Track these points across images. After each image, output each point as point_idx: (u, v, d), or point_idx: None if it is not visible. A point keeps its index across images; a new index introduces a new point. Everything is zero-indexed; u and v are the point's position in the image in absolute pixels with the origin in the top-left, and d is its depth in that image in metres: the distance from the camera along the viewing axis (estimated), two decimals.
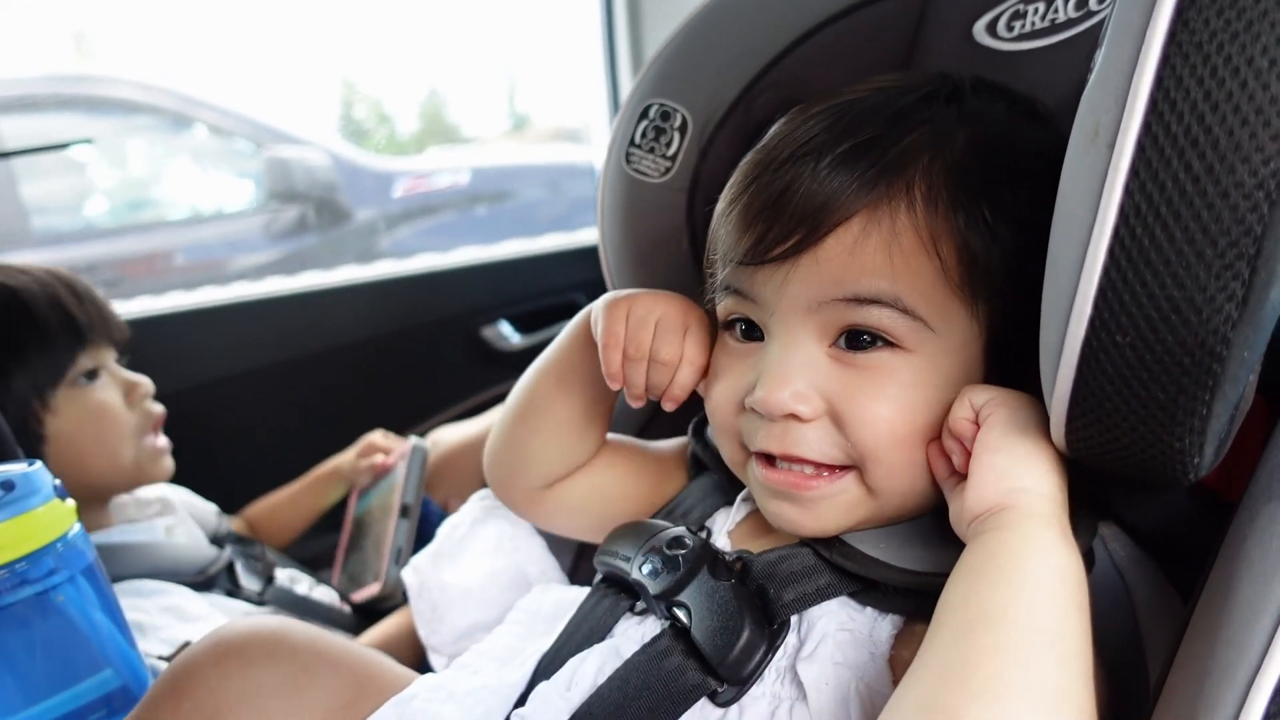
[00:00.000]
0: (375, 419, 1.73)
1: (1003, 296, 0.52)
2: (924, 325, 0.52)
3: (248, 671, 0.64)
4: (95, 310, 1.09)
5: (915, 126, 0.53)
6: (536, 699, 0.59)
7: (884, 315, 0.52)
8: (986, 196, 0.52)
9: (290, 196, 2.33)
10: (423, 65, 2.69)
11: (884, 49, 0.72)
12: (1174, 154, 0.36)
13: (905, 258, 0.51)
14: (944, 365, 0.53)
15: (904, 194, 0.52)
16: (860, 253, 0.52)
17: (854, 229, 0.52)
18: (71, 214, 2.20)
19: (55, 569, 0.72)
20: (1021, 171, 0.53)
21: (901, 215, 0.51)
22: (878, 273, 0.51)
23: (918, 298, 0.51)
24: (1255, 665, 0.38)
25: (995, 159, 0.53)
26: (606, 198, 0.78)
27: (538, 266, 1.86)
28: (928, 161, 0.52)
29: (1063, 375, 0.42)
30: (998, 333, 0.53)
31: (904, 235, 0.51)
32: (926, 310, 0.52)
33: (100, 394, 1.07)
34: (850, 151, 0.52)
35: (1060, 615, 0.42)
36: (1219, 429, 0.41)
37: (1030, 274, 0.47)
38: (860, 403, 0.53)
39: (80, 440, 1.04)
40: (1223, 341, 0.37)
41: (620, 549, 0.64)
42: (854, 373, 0.53)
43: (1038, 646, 0.41)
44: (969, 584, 0.45)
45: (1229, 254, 0.36)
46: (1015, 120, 0.57)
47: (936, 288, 0.52)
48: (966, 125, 0.54)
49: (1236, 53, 0.34)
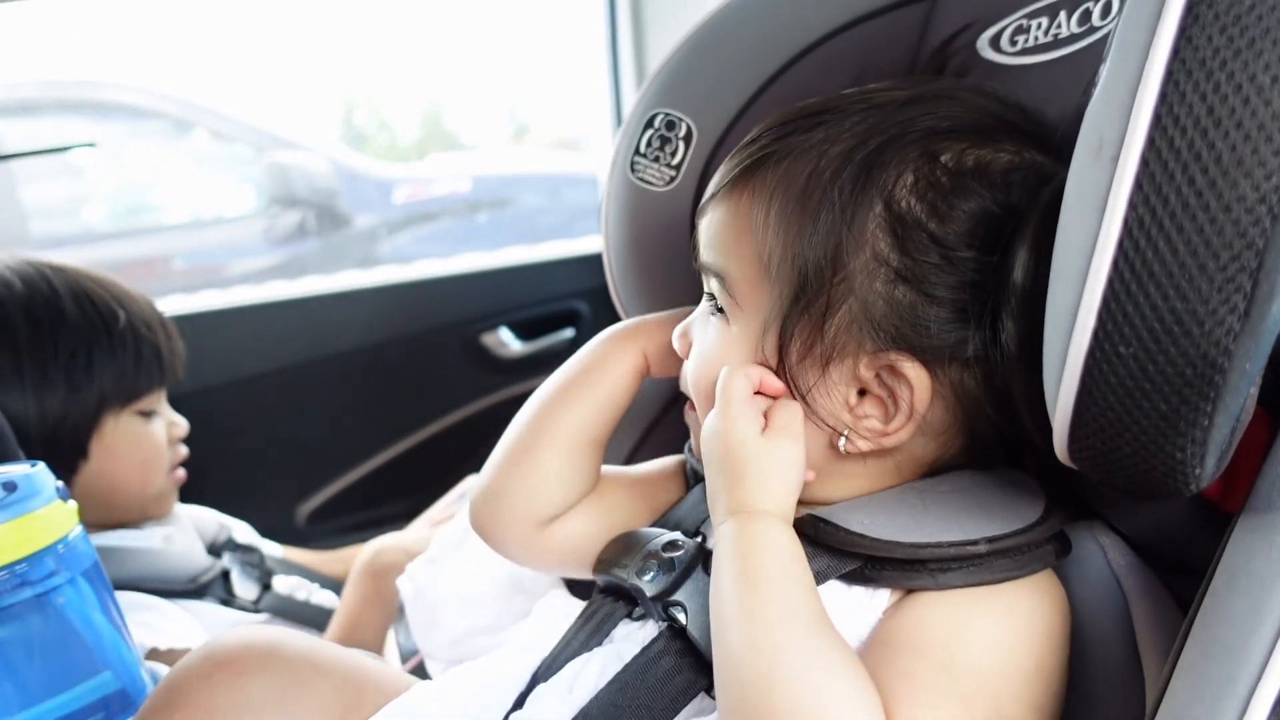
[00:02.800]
0: (374, 425, 1.73)
1: (794, 292, 0.55)
2: (735, 303, 0.58)
3: (238, 683, 0.64)
4: (176, 357, 1.12)
5: (807, 129, 0.57)
6: (536, 701, 0.59)
7: (715, 285, 0.60)
8: (829, 200, 0.54)
9: (290, 202, 2.34)
10: (424, 72, 2.70)
11: (887, 62, 0.73)
12: (1177, 168, 0.36)
13: (738, 238, 0.58)
14: (746, 339, 0.58)
15: (760, 186, 0.57)
16: (714, 225, 0.60)
17: (721, 206, 0.59)
18: (71, 218, 2.20)
19: (56, 571, 0.72)
20: (889, 176, 0.54)
21: (744, 203, 0.57)
22: (717, 247, 0.59)
23: (740, 277, 0.58)
24: (1256, 676, 0.38)
25: (868, 166, 0.54)
26: (611, 206, 0.79)
27: (538, 274, 1.86)
28: (789, 163, 0.56)
29: (1066, 386, 0.42)
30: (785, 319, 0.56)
31: (741, 219, 0.57)
32: (742, 290, 0.58)
33: (152, 428, 1.09)
34: (752, 141, 0.59)
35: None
36: (1220, 440, 0.41)
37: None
38: (695, 354, 0.62)
39: (121, 468, 1.06)
40: (1224, 353, 0.37)
41: (618, 558, 0.65)
42: (704, 331, 0.62)
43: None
44: None
45: (1231, 267, 0.36)
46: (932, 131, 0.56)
47: (754, 271, 0.57)
48: (857, 136, 0.55)
49: (1239, 68, 0.35)
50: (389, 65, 2.63)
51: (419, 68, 2.66)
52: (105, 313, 1.04)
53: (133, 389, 1.06)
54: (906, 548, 0.52)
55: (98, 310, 1.04)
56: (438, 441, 1.77)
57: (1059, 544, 0.55)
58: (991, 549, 0.52)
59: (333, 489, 1.70)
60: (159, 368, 1.08)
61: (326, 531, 1.69)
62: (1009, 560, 0.52)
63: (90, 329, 1.02)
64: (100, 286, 1.06)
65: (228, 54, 2.34)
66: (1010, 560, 0.52)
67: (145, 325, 1.07)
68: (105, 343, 1.03)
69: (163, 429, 1.11)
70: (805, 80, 0.72)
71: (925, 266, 0.52)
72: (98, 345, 1.02)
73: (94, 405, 1.03)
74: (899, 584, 0.53)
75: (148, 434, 1.08)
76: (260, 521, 1.44)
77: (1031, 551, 0.53)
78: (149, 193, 2.40)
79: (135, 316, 1.07)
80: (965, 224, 0.52)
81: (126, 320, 1.05)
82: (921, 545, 0.52)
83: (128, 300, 1.07)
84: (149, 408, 1.09)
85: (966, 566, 0.52)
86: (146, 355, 1.06)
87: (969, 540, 0.52)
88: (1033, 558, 0.53)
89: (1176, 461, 0.41)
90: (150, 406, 1.09)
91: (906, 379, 0.54)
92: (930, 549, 0.52)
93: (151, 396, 1.09)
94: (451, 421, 1.77)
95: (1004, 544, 0.52)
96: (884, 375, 0.54)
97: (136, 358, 1.05)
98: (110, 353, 1.03)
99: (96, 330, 1.03)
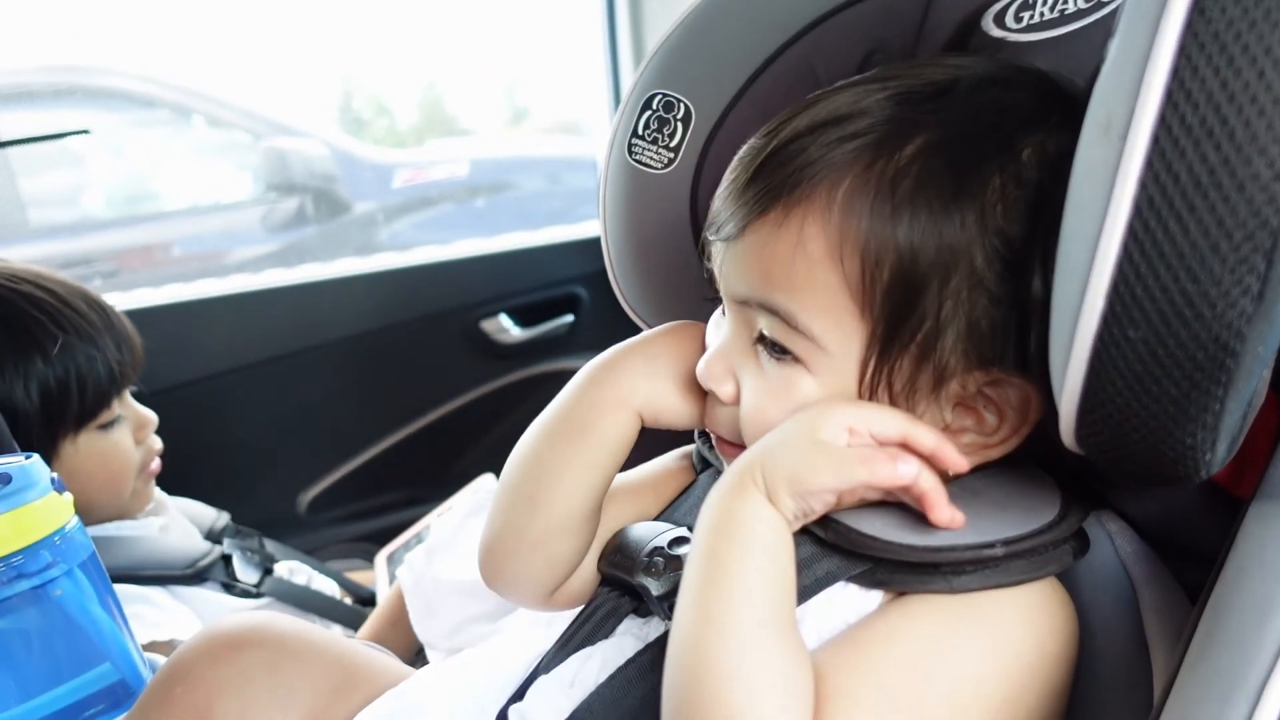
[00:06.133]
0: (374, 412, 1.73)
1: (892, 320, 0.50)
2: (816, 346, 0.51)
3: (236, 657, 0.66)
4: (131, 357, 1.05)
5: (863, 131, 0.50)
6: (536, 693, 0.59)
7: (778, 327, 0.52)
8: (923, 204, 0.49)
9: (288, 188, 2.33)
10: (422, 56, 2.68)
11: (889, 39, 0.71)
12: (1189, 145, 0.35)
13: (810, 266, 0.50)
14: (836, 387, 0.52)
15: (824, 196, 0.50)
16: (766, 254, 0.51)
17: (767, 225, 0.51)
18: (69, 205, 2.19)
19: (53, 563, 0.72)
20: (979, 179, 0.49)
21: (814, 219, 0.50)
22: (776, 280, 0.51)
23: (816, 311, 0.51)
24: (1268, 667, 0.38)
25: (954, 165, 0.50)
26: (608, 189, 0.78)
27: (537, 259, 1.85)
28: (864, 166, 0.49)
29: (1073, 371, 0.41)
30: (885, 348, 0.51)
31: (810, 243, 0.50)
32: (823, 328, 0.51)
33: (116, 439, 1.04)
34: (783, 146, 0.52)
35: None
36: (1231, 425, 0.40)
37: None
38: (757, 404, 0.54)
39: (86, 487, 0.99)
40: (1237, 336, 0.36)
41: (623, 552, 0.63)
42: (764, 375, 0.54)
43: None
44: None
45: (1244, 247, 0.35)
46: (1006, 121, 0.51)
47: (837, 303, 0.50)
48: (930, 129, 0.50)
49: (1254, 42, 0.33)
50: (387, 50, 2.61)
51: (417, 52, 2.64)
52: (40, 335, 0.96)
53: (82, 411, 0.99)
54: (921, 551, 0.50)
55: (32, 336, 0.96)
56: (438, 428, 1.77)
57: (1077, 542, 0.53)
58: (1008, 551, 0.50)
59: (333, 476, 1.70)
60: (111, 378, 1.01)
61: (328, 519, 1.69)
62: (1025, 561, 0.51)
63: (23, 358, 0.95)
64: (32, 305, 0.97)
65: (225, 40, 2.33)
66: (1026, 561, 0.51)
67: (87, 337, 0.99)
68: (41, 370, 0.95)
69: (127, 434, 1.06)
70: (806, 59, 0.70)
71: (1023, 271, 0.48)
72: (33, 374, 0.95)
73: (42, 438, 0.96)
74: (913, 587, 0.51)
75: (112, 447, 1.03)
76: (261, 509, 1.45)
77: (1049, 552, 0.51)
78: (147, 180, 2.39)
79: (76, 330, 0.99)
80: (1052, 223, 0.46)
81: (63, 341, 0.97)
82: (937, 549, 0.50)
83: (62, 314, 0.99)
84: (108, 420, 1.03)
85: (982, 569, 0.50)
86: (95, 371, 0.99)
87: (985, 543, 0.50)
88: (1050, 558, 0.51)
89: (1187, 447, 0.40)
90: (109, 418, 1.03)
91: (1015, 387, 0.51)
92: (945, 552, 0.50)
93: (108, 409, 1.02)
94: (452, 408, 1.77)
95: (1020, 546, 0.50)
96: (986, 390, 0.52)
97: (80, 379, 0.98)
98: (48, 380, 0.96)
99: (30, 359, 0.95)
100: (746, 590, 0.48)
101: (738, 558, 0.49)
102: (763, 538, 0.50)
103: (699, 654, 0.47)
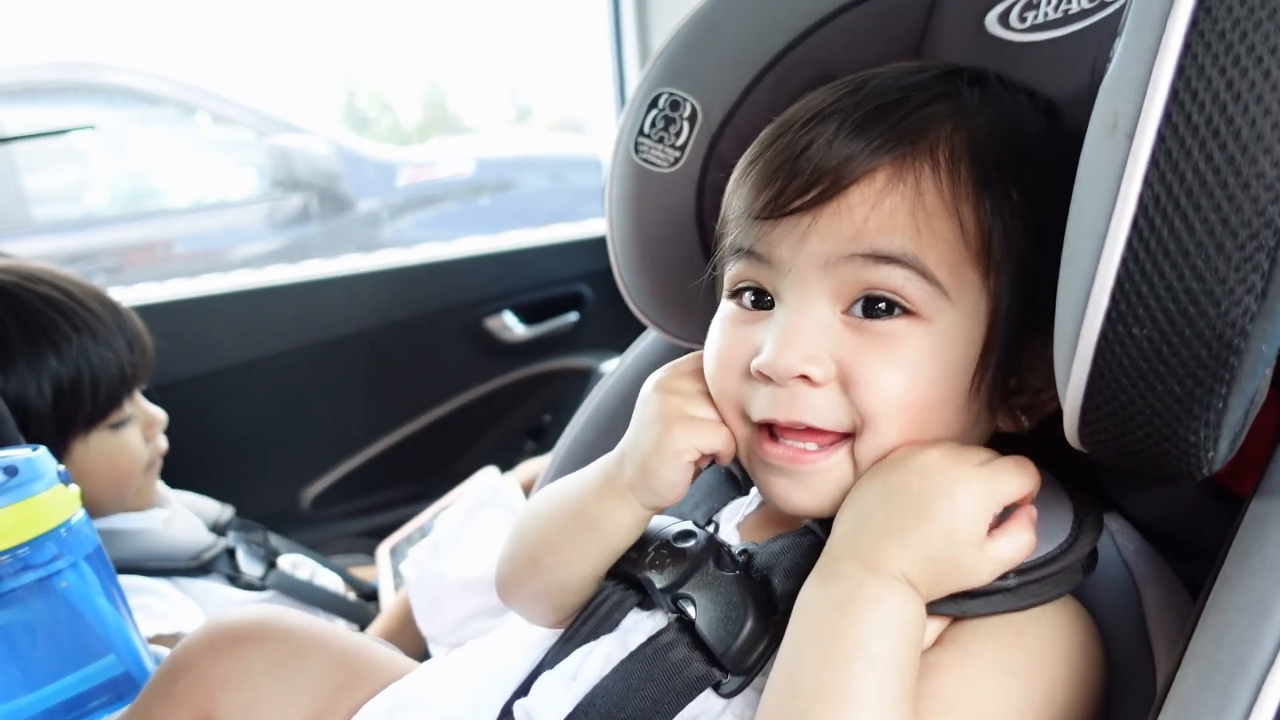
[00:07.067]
0: (378, 409, 1.73)
1: (1012, 276, 0.52)
2: (941, 293, 0.51)
3: (238, 652, 0.66)
4: (143, 356, 1.06)
5: (939, 97, 0.53)
6: (540, 688, 0.59)
7: (903, 277, 0.51)
8: (1006, 174, 0.52)
9: (292, 185, 2.33)
10: (426, 54, 2.68)
11: (894, 39, 0.71)
12: (1194, 144, 0.35)
13: (928, 218, 0.50)
14: (960, 338, 0.52)
15: (928, 155, 0.51)
16: (882, 208, 0.51)
17: (878, 182, 0.51)
18: (73, 201, 2.20)
19: (58, 554, 0.73)
20: (1040, 160, 0.53)
21: (926, 176, 0.51)
22: (900, 230, 0.50)
23: (938, 262, 0.50)
24: (1267, 662, 0.38)
25: (1016, 142, 0.53)
26: (615, 187, 0.78)
27: (541, 257, 1.85)
28: (950, 130, 0.52)
29: (1078, 367, 0.41)
30: (1001, 311, 0.52)
31: (927, 195, 0.51)
32: (946, 277, 0.51)
33: (126, 438, 1.05)
34: (876, 111, 0.52)
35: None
36: (1234, 423, 0.40)
37: (1041, 257, 0.47)
38: (874, 367, 0.51)
39: (94, 486, 1.00)
40: (1240, 334, 0.37)
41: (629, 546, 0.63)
42: (868, 339, 0.52)
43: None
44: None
45: (1249, 246, 0.35)
46: (1035, 113, 0.57)
47: (956, 254, 0.51)
48: (989, 106, 0.54)
49: (1260, 40, 0.33)
50: (391, 47, 2.61)
51: (421, 50, 2.64)
52: (55, 335, 0.97)
53: (94, 410, 1.00)
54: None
55: (46, 335, 0.97)
56: (441, 425, 1.77)
57: (1087, 560, 0.53)
58: (1020, 581, 0.50)
59: (337, 473, 1.71)
60: (123, 378, 1.02)
61: (331, 515, 1.70)
62: (1036, 586, 0.51)
63: (38, 357, 0.95)
64: (47, 304, 0.98)
65: (230, 37, 2.33)
66: (1038, 585, 0.51)
67: (100, 337, 1.00)
68: (55, 369, 0.96)
69: (137, 433, 1.06)
70: (812, 58, 0.71)
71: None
72: (46, 373, 0.96)
73: (54, 436, 0.96)
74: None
75: (121, 446, 1.04)
76: (264, 505, 1.45)
77: (1059, 575, 0.51)
78: (151, 176, 2.40)
79: (90, 330, 0.99)
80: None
81: (77, 341, 0.98)
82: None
83: (77, 314, 0.99)
84: (118, 419, 1.03)
85: (990, 596, 0.50)
86: (107, 370, 1.00)
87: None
88: (1060, 580, 0.51)
89: (1189, 444, 0.40)
90: (120, 417, 1.03)
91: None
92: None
93: (119, 409, 1.03)
94: (455, 405, 1.77)
95: (1032, 576, 0.51)
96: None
97: (93, 378, 0.99)
98: (61, 379, 0.97)
99: (44, 358, 0.96)
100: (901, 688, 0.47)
101: (899, 660, 0.48)
102: (917, 639, 0.49)
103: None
